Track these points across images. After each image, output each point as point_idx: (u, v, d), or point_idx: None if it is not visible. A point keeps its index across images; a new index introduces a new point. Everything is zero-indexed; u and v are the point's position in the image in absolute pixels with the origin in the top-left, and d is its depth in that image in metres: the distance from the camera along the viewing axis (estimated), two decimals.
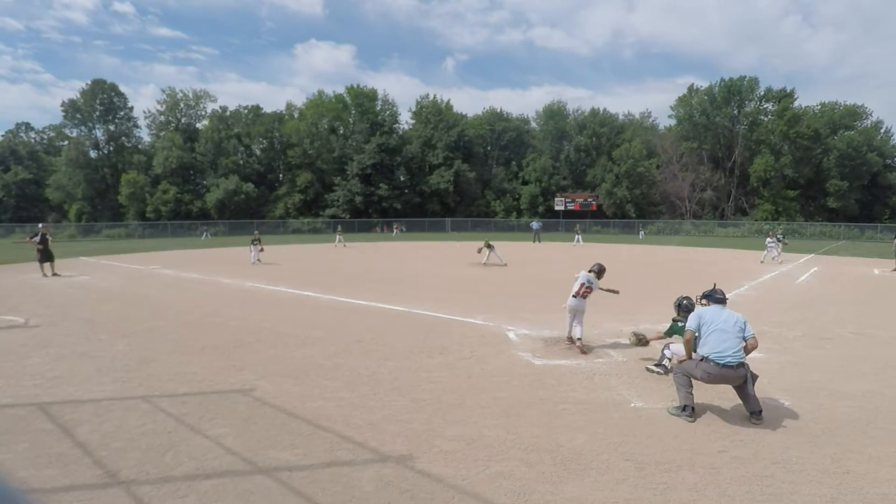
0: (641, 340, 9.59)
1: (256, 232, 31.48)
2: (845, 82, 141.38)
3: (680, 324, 8.35)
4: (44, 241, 21.39)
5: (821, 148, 74.33)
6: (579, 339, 9.57)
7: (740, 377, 6.39)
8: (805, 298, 16.51)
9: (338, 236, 44.11)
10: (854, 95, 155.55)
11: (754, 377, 6.56)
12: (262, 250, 28.15)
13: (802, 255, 33.75)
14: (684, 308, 8.48)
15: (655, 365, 8.41)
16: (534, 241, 47.85)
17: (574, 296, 9.72)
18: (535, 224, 51.95)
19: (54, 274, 21.21)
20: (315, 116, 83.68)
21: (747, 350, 6.53)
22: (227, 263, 27.59)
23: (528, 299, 15.73)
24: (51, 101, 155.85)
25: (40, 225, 23.06)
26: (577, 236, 45.70)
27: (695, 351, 6.80)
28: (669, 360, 8.33)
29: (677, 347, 8.13)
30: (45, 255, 21.33)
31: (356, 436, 5.91)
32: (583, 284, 9.70)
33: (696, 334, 6.72)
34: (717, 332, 6.52)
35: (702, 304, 7.55)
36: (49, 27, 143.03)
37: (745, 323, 6.65)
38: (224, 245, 45.21)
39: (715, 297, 7.07)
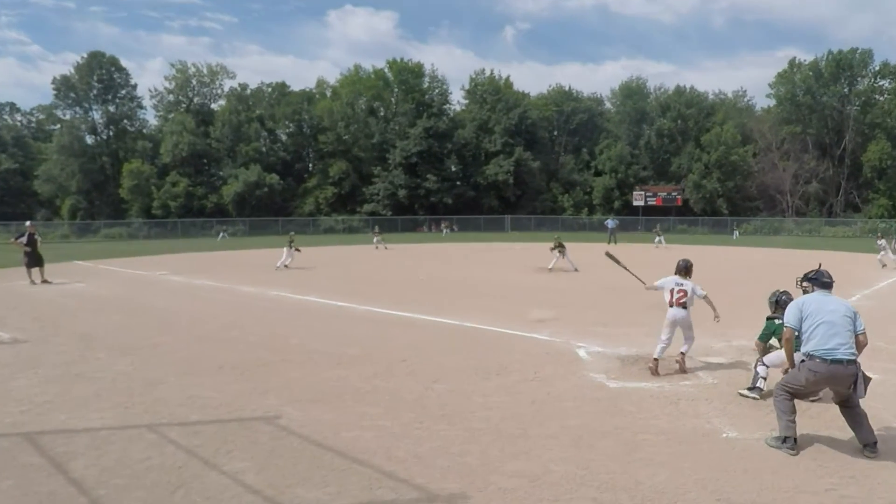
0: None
1: (293, 233, 32.31)
2: None
3: (777, 321, 8.20)
4: (31, 242, 21.98)
5: None
6: (682, 353, 9.58)
7: (850, 376, 6.21)
8: None
9: (375, 237, 44.58)
10: None
11: (867, 379, 6.37)
12: (298, 250, 28.88)
13: None
14: (783, 305, 8.26)
15: (749, 389, 8.31)
16: (609, 242, 47.86)
17: (670, 305, 9.64)
18: (610, 222, 52.36)
19: (44, 281, 21.86)
20: (351, 96, 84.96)
21: (858, 347, 6.37)
22: (247, 268, 28.22)
23: (602, 310, 15.69)
24: (40, 77, 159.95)
25: (27, 223, 23.84)
26: (657, 237, 46.27)
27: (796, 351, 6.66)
28: (765, 379, 8.20)
29: (774, 357, 8.02)
30: (34, 259, 21.93)
31: (399, 471, 5.92)
32: (672, 291, 9.63)
33: (797, 332, 6.56)
34: (823, 324, 6.36)
35: (803, 289, 7.41)
36: None
37: (855, 314, 6.49)
38: (244, 247, 46.19)
39: (821, 280, 6.89)
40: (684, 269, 9.81)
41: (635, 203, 78.46)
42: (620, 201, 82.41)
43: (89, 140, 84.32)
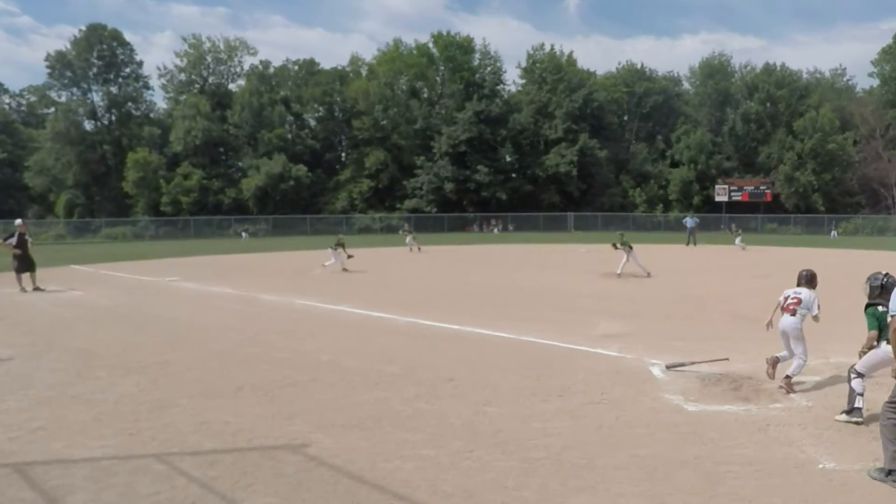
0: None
1: (341, 235, 32.99)
2: None
3: (881, 308, 8.05)
4: (21, 243, 22.46)
5: None
6: (787, 376, 9.56)
7: None
8: None
9: (408, 237, 44.72)
10: None
11: None
12: (350, 256, 29.53)
13: None
14: (888, 288, 8.10)
15: (846, 412, 8.20)
16: (688, 244, 49.12)
17: (782, 312, 9.76)
18: (689, 221, 52.89)
19: (36, 288, 22.41)
20: (390, 75, 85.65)
21: None
22: (270, 274, 28.66)
23: (680, 322, 15.68)
24: (31, 53, 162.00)
25: (17, 222, 24.35)
26: (736, 238, 46.37)
27: None
28: (862, 396, 8.09)
29: (870, 359, 8.04)
30: (24, 264, 22.41)
31: None
32: (787, 297, 9.74)
33: None
34: None
35: None
36: None
37: None
38: (267, 249, 46.90)
39: None
40: (805, 279, 9.97)
41: (718, 198, 78.95)
42: (701, 196, 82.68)
43: (88, 126, 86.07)
